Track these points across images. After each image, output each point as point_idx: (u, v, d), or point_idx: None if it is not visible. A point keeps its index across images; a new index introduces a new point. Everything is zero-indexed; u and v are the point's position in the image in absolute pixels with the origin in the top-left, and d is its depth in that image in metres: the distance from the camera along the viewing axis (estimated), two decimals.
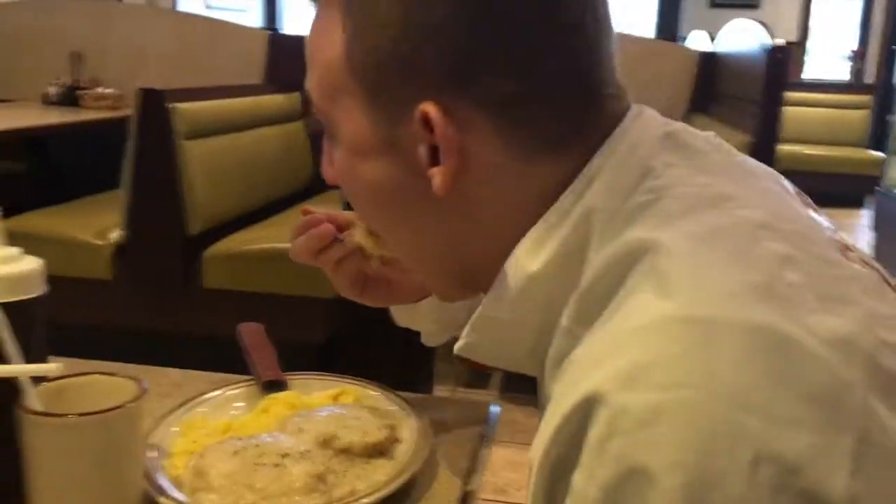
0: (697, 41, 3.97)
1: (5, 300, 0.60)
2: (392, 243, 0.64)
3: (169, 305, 2.77)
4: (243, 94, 3.11)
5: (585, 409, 0.43)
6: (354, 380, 0.86)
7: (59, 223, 2.82)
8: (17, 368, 0.53)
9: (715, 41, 3.74)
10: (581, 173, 0.54)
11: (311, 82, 0.60)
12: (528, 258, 0.54)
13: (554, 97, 0.54)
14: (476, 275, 0.60)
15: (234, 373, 2.80)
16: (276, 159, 3.24)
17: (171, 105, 2.62)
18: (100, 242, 2.73)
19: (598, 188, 0.53)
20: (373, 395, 0.82)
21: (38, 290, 0.64)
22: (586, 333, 0.49)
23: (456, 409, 0.89)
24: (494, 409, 0.91)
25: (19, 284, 0.63)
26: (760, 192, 0.55)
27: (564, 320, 0.52)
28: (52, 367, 0.52)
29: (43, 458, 0.59)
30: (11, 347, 0.59)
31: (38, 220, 2.83)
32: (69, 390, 0.62)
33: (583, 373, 0.45)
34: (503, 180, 0.55)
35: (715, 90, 3.51)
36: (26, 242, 0.65)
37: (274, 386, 0.84)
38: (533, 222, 0.55)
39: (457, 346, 0.61)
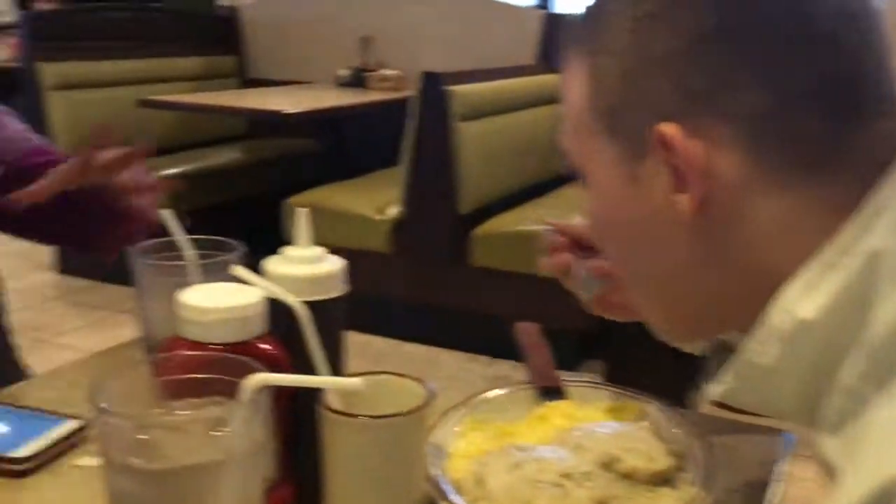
0: None
1: (309, 299, 0.63)
2: (633, 284, 0.61)
3: (439, 281, 2.89)
4: (517, 74, 3.14)
5: (883, 500, 0.38)
6: (634, 393, 0.81)
7: (344, 198, 3.03)
8: (326, 381, 0.56)
9: None
10: (864, 204, 0.48)
11: (563, 129, 0.60)
12: (800, 302, 0.49)
13: (806, 111, 0.49)
14: (717, 316, 0.57)
15: (496, 352, 2.83)
16: (546, 140, 3.24)
17: (448, 87, 2.70)
18: (379, 217, 2.90)
19: (886, 224, 0.47)
20: (656, 413, 0.78)
21: (339, 289, 0.67)
22: (878, 396, 0.43)
23: (744, 433, 0.82)
24: (789, 437, 0.82)
25: (323, 284, 0.66)
26: None
27: (848, 378, 0.46)
28: (355, 381, 0.54)
29: (337, 453, 0.62)
30: (314, 344, 0.62)
31: (327, 195, 3.07)
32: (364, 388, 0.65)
33: (881, 451, 0.40)
34: (756, 206, 0.51)
35: None
36: (315, 215, 0.69)
37: (550, 393, 0.82)
38: (794, 255, 0.49)
39: (715, 393, 0.56)
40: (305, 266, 0.66)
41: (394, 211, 2.90)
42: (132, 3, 3.97)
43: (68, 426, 0.77)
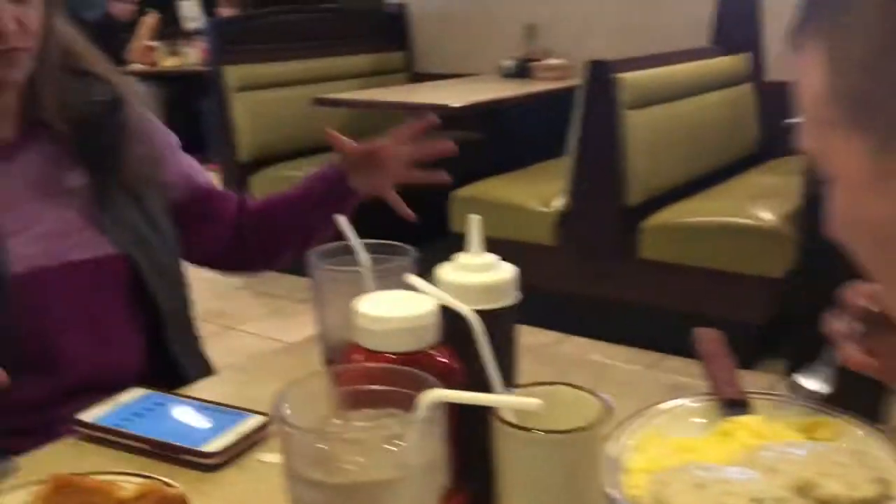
0: None
1: (482, 307, 0.62)
2: (892, 295, 0.54)
3: (606, 274, 2.82)
4: (689, 58, 3.01)
5: None
6: (831, 409, 0.75)
7: (509, 190, 3.02)
8: (502, 399, 0.54)
9: None
10: None
11: (800, 122, 0.54)
12: None
13: None
14: None
15: (664, 347, 2.69)
16: (720, 126, 3.09)
17: (616, 75, 2.63)
18: (544, 209, 2.87)
19: None
20: (858, 433, 0.71)
21: (512, 297, 0.65)
22: None
23: None
24: None
25: (496, 292, 0.64)
26: None
27: None
28: (532, 402, 0.52)
29: (509, 465, 0.60)
30: (487, 354, 0.60)
31: (491, 187, 3.07)
32: (535, 397, 0.63)
33: None
34: None
35: None
36: (480, 208, 0.68)
37: (734, 406, 0.77)
38: None
39: None
40: (478, 274, 0.65)
41: (559, 203, 2.86)
42: (306, 6, 4.14)
43: (253, 421, 0.80)
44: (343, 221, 0.79)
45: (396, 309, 0.59)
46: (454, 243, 0.68)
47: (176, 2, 6.31)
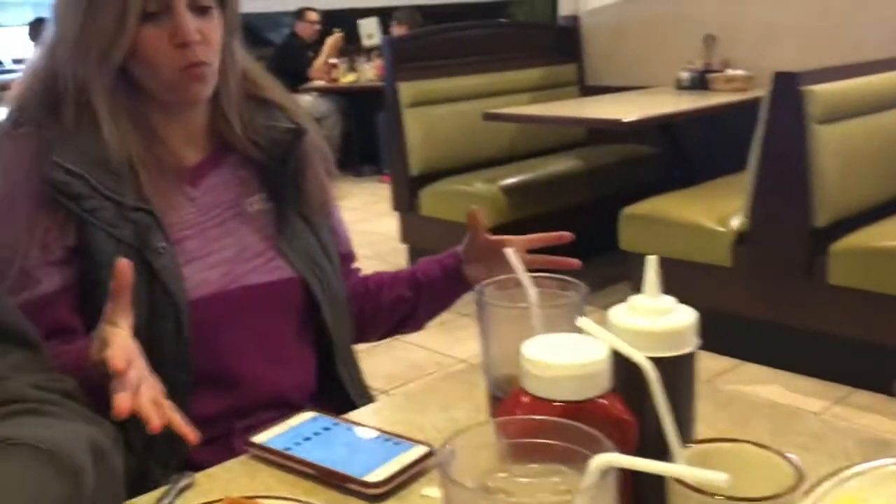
0: None
1: (657, 355, 0.58)
2: None
3: (788, 298, 2.65)
4: (888, 68, 2.77)
5: None
6: None
7: (683, 207, 2.90)
8: (684, 471, 0.49)
9: None
10: None
11: None
12: None
13: None
14: None
15: (852, 380, 2.47)
16: None
17: (804, 88, 2.46)
18: (722, 229, 2.73)
19: None
20: None
21: (691, 345, 0.61)
22: None
23: None
24: None
25: (673, 339, 0.60)
26: None
27: None
28: (718, 477, 0.47)
29: None
30: (663, 406, 0.56)
31: (665, 204, 2.96)
32: (716, 456, 0.58)
33: None
34: None
35: None
36: (652, 226, 0.63)
37: None
38: None
39: None
40: (654, 318, 0.60)
41: (738, 222, 2.71)
42: (478, 21, 4.18)
43: (416, 452, 0.79)
44: (511, 254, 0.77)
45: (565, 355, 0.56)
46: (620, 258, 0.64)
47: (356, 20, 6.57)
